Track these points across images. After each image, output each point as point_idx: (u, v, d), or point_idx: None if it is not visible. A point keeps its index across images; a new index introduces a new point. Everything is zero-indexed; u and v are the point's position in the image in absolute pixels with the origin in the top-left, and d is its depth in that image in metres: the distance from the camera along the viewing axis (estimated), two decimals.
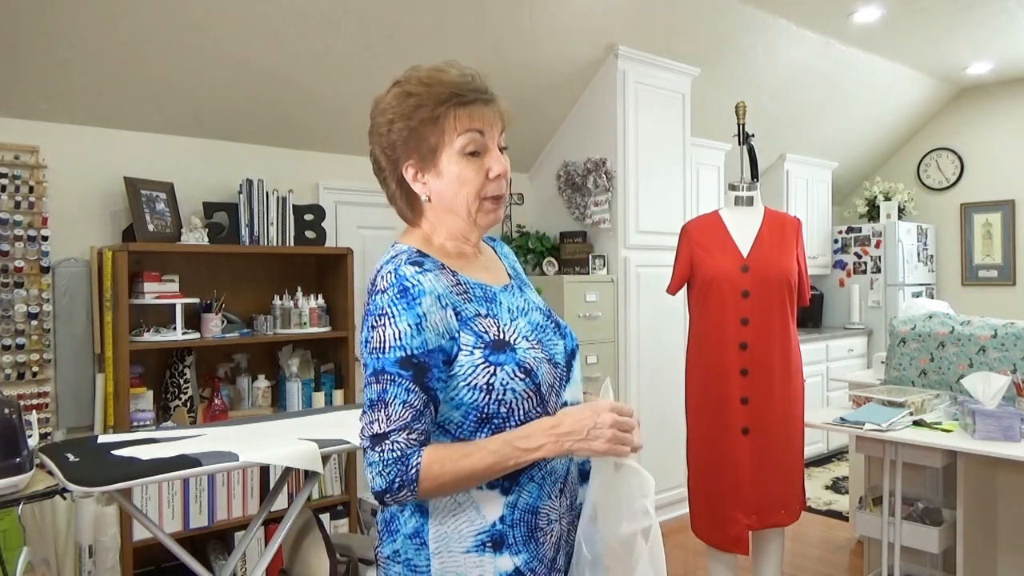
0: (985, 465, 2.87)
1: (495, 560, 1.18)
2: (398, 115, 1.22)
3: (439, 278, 1.19)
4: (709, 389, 2.82)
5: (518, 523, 1.20)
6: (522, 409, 1.19)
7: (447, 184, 1.23)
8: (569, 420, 1.16)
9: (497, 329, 1.20)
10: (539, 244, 4.33)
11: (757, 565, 2.94)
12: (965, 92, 6.37)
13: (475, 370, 1.17)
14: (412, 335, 1.13)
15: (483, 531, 1.18)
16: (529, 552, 1.20)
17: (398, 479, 1.11)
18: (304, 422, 2.51)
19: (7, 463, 1.86)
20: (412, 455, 1.12)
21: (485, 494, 1.19)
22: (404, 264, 1.18)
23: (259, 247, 3.32)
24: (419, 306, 1.14)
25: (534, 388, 1.19)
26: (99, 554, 2.78)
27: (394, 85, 1.27)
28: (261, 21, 3.05)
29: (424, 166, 1.23)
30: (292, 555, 2.50)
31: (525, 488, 1.21)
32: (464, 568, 1.18)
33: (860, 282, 6.13)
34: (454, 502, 1.19)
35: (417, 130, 1.21)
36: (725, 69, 4.70)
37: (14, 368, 2.92)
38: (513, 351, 1.19)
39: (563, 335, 1.32)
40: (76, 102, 3.03)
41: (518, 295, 1.32)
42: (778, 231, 2.88)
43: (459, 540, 1.18)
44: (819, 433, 5.48)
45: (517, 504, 1.20)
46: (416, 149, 1.23)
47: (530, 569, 1.20)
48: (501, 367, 1.17)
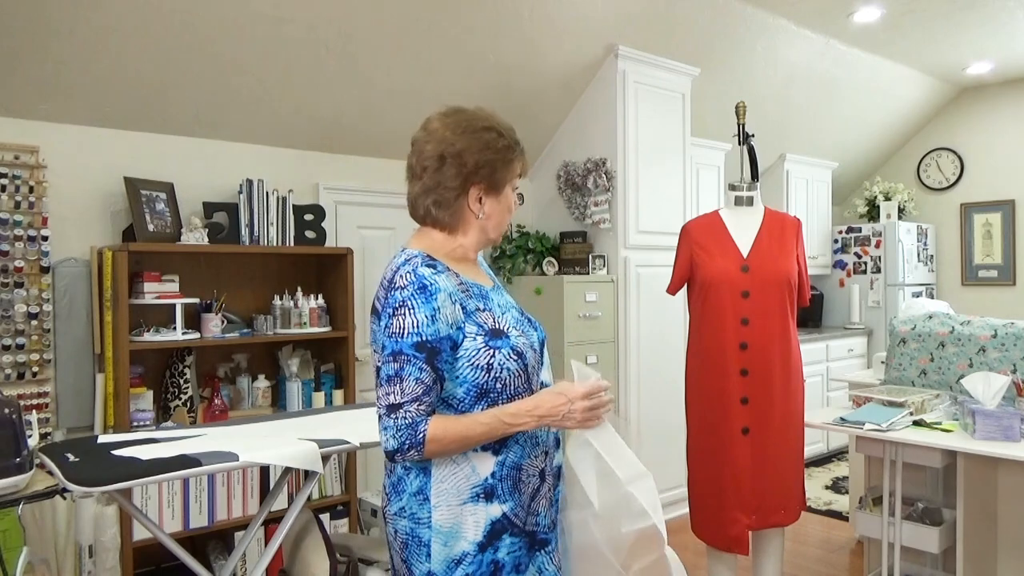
0: (985, 465, 2.87)
1: (487, 508, 1.46)
2: (484, 145, 1.51)
3: (449, 279, 1.45)
4: (709, 389, 2.82)
5: (505, 478, 1.48)
6: (513, 385, 1.47)
7: (500, 210, 1.57)
8: (546, 404, 1.45)
9: (493, 320, 1.48)
10: (539, 244, 4.33)
11: (757, 565, 2.94)
12: (965, 92, 6.37)
13: (478, 353, 1.44)
14: (427, 324, 1.39)
15: (477, 484, 1.46)
16: (514, 500, 1.48)
17: (408, 441, 1.37)
18: (304, 422, 2.51)
19: (7, 463, 1.86)
20: (420, 422, 1.37)
21: (479, 455, 1.46)
22: (421, 266, 1.44)
23: (259, 247, 3.32)
24: (435, 301, 1.40)
25: (523, 368, 1.48)
26: (99, 554, 2.78)
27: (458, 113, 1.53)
28: (262, 21, 3.05)
29: (489, 192, 1.53)
30: (292, 555, 2.50)
31: (512, 449, 1.48)
32: (460, 517, 1.45)
33: (860, 282, 6.13)
34: (453, 463, 1.45)
35: (495, 164, 1.52)
36: (725, 69, 4.70)
37: (14, 368, 2.92)
38: (507, 337, 1.48)
39: (535, 327, 1.60)
40: (76, 102, 3.03)
41: (501, 295, 1.60)
42: (778, 231, 2.88)
43: (457, 494, 1.45)
44: (819, 433, 5.48)
45: (505, 462, 1.48)
46: (489, 178, 1.52)
47: (514, 514, 1.49)
48: (499, 350, 1.45)
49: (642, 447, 4.22)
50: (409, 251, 1.50)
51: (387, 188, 3.98)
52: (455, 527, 1.44)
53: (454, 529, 1.44)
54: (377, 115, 3.74)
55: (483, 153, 1.50)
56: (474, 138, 1.50)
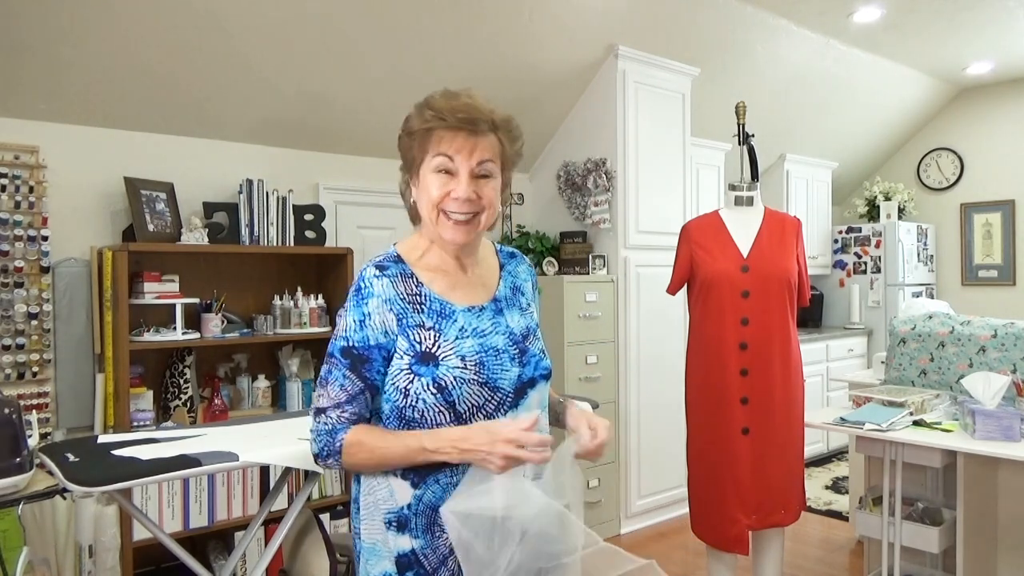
0: (985, 465, 2.87)
1: (397, 538, 1.34)
2: (403, 129, 1.39)
3: (395, 284, 1.33)
4: (709, 389, 2.82)
5: (421, 514, 1.33)
6: (432, 420, 1.31)
7: (420, 194, 1.38)
8: (474, 440, 1.25)
9: (432, 343, 1.32)
10: (539, 244, 4.33)
11: (757, 565, 2.94)
12: (965, 92, 6.37)
13: (399, 373, 1.32)
14: (355, 329, 1.31)
15: (392, 511, 1.34)
16: (425, 540, 1.33)
17: (326, 448, 1.31)
18: (304, 422, 2.50)
19: (7, 463, 1.86)
20: (340, 430, 1.31)
21: (399, 482, 1.34)
22: (371, 266, 1.35)
23: (259, 247, 3.32)
24: (365, 306, 1.31)
25: (447, 404, 1.30)
26: (99, 554, 2.78)
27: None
28: (262, 21, 3.05)
29: (412, 175, 1.40)
30: (292, 555, 2.50)
31: (431, 488, 1.33)
32: (378, 536, 1.36)
33: (860, 282, 6.13)
34: (374, 479, 1.36)
35: (408, 144, 1.38)
36: (725, 69, 4.70)
37: (14, 368, 2.92)
38: (436, 367, 1.30)
39: (523, 364, 1.38)
40: (76, 102, 3.03)
41: (487, 318, 1.39)
42: (778, 231, 2.88)
43: (376, 511, 1.36)
44: (819, 433, 5.48)
45: (422, 499, 1.33)
46: (407, 159, 1.40)
47: (423, 555, 1.33)
48: (419, 377, 1.30)
49: (642, 447, 4.22)
50: (391, 248, 1.42)
51: (387, 188, 3.98)
52: (375, 545, 1.36)
53: (375, 548, 1.36)
54: (377, 115, 3.74)
55: (400, 139, 1.40)
56: (403, 125, 1.40)
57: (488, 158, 1.35)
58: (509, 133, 1.39)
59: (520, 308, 1.45)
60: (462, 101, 1.33)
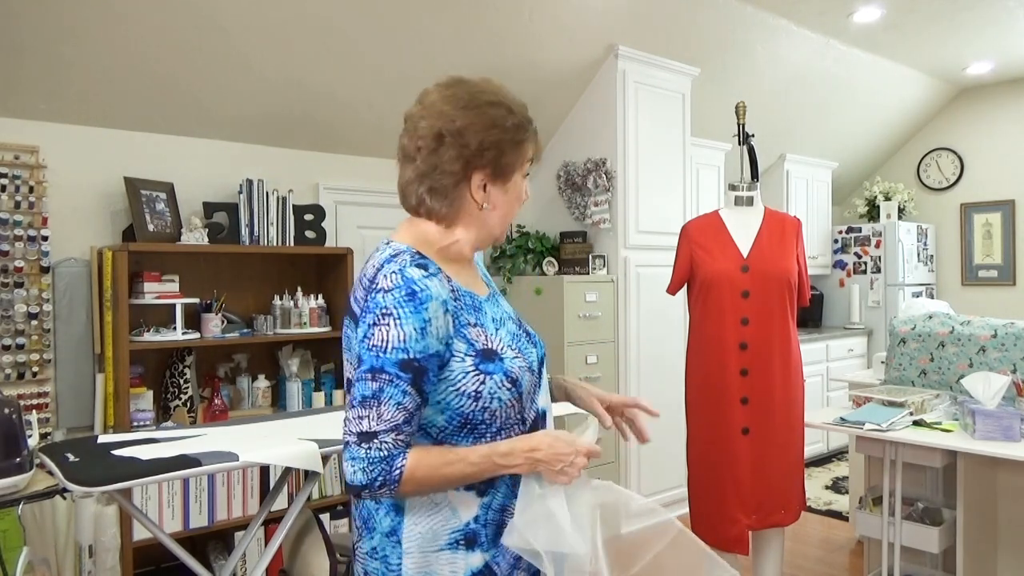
0: (985, 465, 2.87)
1: (467, 557, 1.23)
2: (489, 123, 1.26)
3: (442, 284, 1.21)
4: (709, 389, 2.82)
5: (490, 523, 1.25)
6: (503, 416, 1.25)
7: (508, 200, 1.31)
8: (546, 450, 1.22)
9: (485, 339, 1.24)
10: (539, 244, 4.33)
11: (757, 565, 2.94)
12: (965, 92, 6.37)
13: (465, 377, 1.21)
14: (416, 339, 1.15)
15: (457, 530, 1.23)
16: (497, 549, 1.26)
17: (381, 477, 1.14)
18: (304, 422, 2.51)
19: (7, 463, 1.86)
20: (398, 456, 1.15)
21: (462, 496, 1.24)
22: (410, 266, 1.19)
23: (259, 247, 3.32)
24: (426, 311, 1.16)
25: (517, 397, 1.25)
26: (99, 554, 2.78)
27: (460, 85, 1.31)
28: (261, 21, 3.05)
29: (496, 179, 1.28)
30: (292, 555, 2.50)
31: (499, 490, 1.26)
32: (435, 566, 1.22)
33: (860, 282, 6.13)
34: (431, 503, 1.23)
35: (503, 145, 1.27)
36: (725, 69, 4.70)
37: (14, 368, 2.92)
38: (501, 360, 1.24)
39: (534, 343, 1.37)
40: (76, 102, 3.03)
41: (496, 305, 1.35)
42: (778, 231, 2.88)
43: (433, 539, 1.23)
44: (819, 433, 5.48)
45: (491, 505, 1.26)
46: (495, 162, 1.27)
47: (495, 563, 1.26)
48: (490, 376, 1.22)
49: (641, 447, 4.22)
50: (396, 245, 1.26)
51: (387, 188, 3.98)
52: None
53: None
54: (378, 115, 3.74)
55: (489, 132, 1.25)
56: (478, 114, 1.25)
57: None
58: None
59: (500, 295, 1.45)
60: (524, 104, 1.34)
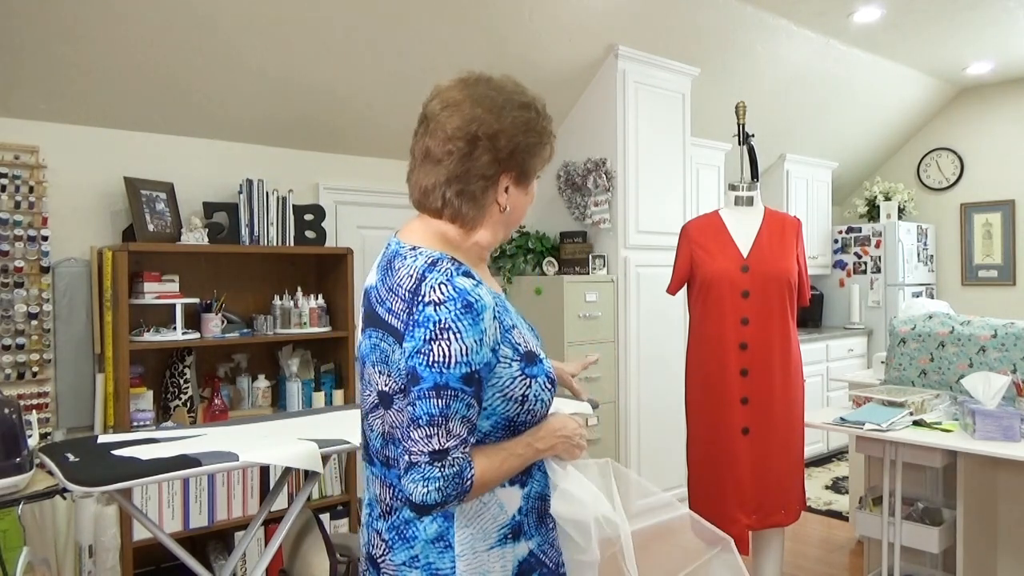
0: (985, 465, 2.87)
1: (515, 548, 1.25)
2: (523, 127, 1.25)
3: (489, 291, 1.20)
4: (709, 389, 2.82)
5: (531, 511, 1.28)
6: (541, 416, 1.28)
7: (526, 202, 1.32)
8: (565, 428, 1.29)
9: (524, 341, 1.24)
10: (539, 244, 4.33)
11: (757, 565, 2.94)
12: (965, 92, 6.37)
13: (512, 382, 1.20)
14: (476, 351, 1.14)
15: (505, 524, 1.25)
16: (540, 535, 1.29)
17: (454, 492, 1.14)
18: (304, 422, 2.51)
19: (7, 463, 1.86)
20: (466, 468, 1.15)
21: (506, 491, 1.25)
22: (457, 275, 1.17)
23: (259, 247, 3.32)
24: (483, 321, 1.15)
25: (552, 397, 1.28)
26: (99, 554, 2.78)
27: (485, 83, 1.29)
28: (262, 21, 3.05)
29: (519, 182, 1.29)
30: (292, 555, 2.50)
31: (535, 479, 1.29)
32: (488, 564, 1.22)
33: (860, 282, 6.13)
34: (479, 502, 1.23)
35: (533, 149, 1.27)
36: (725, 69, 4.70)
37: (14, 368, 2.92)
38: (541, 363, 1.26)
39: (537, 337, 1.39)
40: (76, 102, 3.03)
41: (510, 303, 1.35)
42: (778, 231, 2.88)
43: (484, 538, 1.23)
44: (819, 433, 5.48)
45: (531, 494, 1.29)
46: (521, 164, 1.27)
47: (542, 551, 1.29)
48: (535, 379, 1.23)
49: (642, 447, 4.22)
50: (428, 252, 1.22)
51: (387, 188, 3.98)
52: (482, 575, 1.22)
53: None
54: (378, 115, 3.74)
55: (525, 136, 1.24)
56: (513, 117, 1.24)
57: None
58: None
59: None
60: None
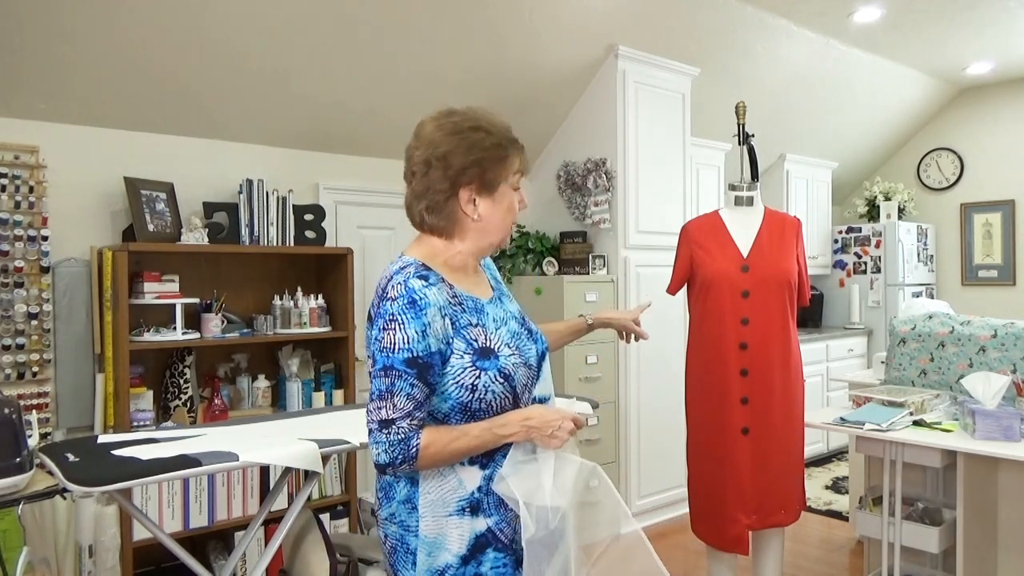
0: (985, 465, 2.87)
1: (472, 521, 1.44)
2: (470, 145, 1.46)
3: (440, 291, 1.41)
4: (709, 389, 2.82)
5: (491, 492, 1.44)
6: (498, 406, 1.44)
7: (497, 210, 1.50)
8: (538, 418, 1.43)
9: (484, 337, 1.44)
10: (539, 244, 4.33)
11: (757, 565, 2.94)
12: (965, 92, 6.37)
13: (463, 372, 1.41)
14: (418, 340, 1.37)
15: (464, 498, 1.43)
16: (499, 515, 1.45)
17: (400, 456, 1.37)
18: (304, 422, 2.51)
19: (7, 463, 1.86)
20: (412, 437, 1.37)
21: (466, 469, 1.44)
22: (412, 277, 1.40)
23: (259, 247, 3.32)
24: (424, 316, 1.37)
25: (510, 390, 1.44)
26: (99, 554, 2.78)
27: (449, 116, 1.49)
28: (262, 21, 3.05)
29: (483, 193, 1.48)
30: (292, 555, 2.50)
31: (498, 463, 1.44)
32: (446, 528, 1.43)
33: (860, 282, 6.13)
34: (439, 474, 1.43)
35: (484, 163, 1.46)
36: (725, 69, 4.70)
37: (14, 368, 2.92)
38: (496, 358, 1.43)
39: (535, 340, 1.55)
40: (76, 102, 3.03)
41: (499, 306, 1.54)
42: (778, 231, 2.88)
43: (443, 506, 1.43)
44: (819, 433, 5.48)
45: (492, 476, 1.44)
46: (479, 178, 1.47)
47: (499, 529, 1.45)
48: (485, 371, 1.42)
49: (642, 447, 4.22)
50: (405, 259, 1.47)
51: (387, 188, 3.98)
52: (439, 538, 1.43)
53: (438, 540, 1.43)
54: (378, 115, 3.74)
55: (470, 153, 1.45)
56: (460, 139, 1.45)
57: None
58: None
59: (508, 295, 1.62)
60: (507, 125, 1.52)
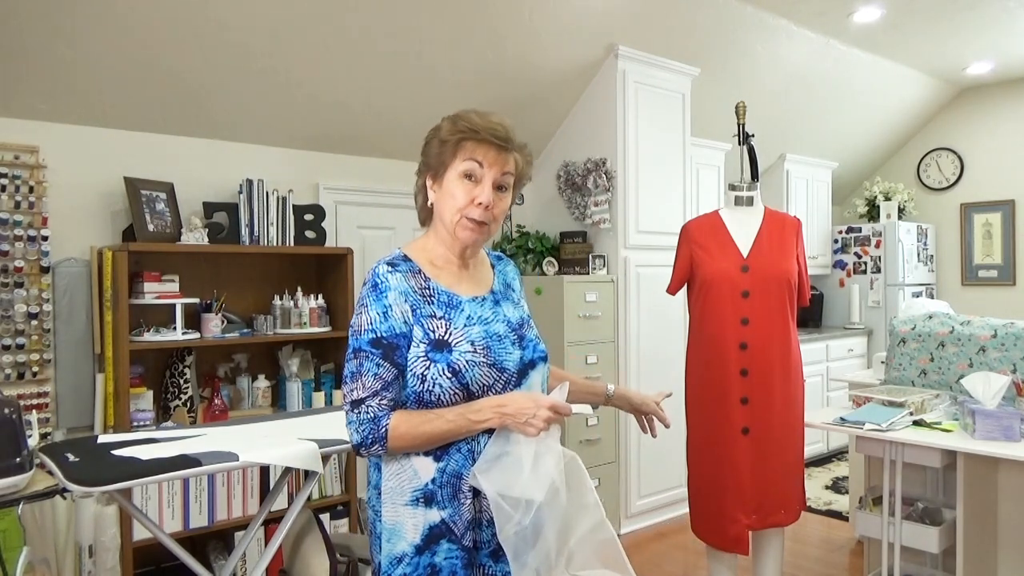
0: (985, 465, 2.87)
1: (426, 512, 1.44)
2: (432, 135, 1.53)
3: (407, 279, 1.47)
4: (709, 389, 2.82)
5: (445, 485, 1.44)
6: (448, 402, 1.43)
7: (443, 197, 1.51)
8: (513, 405, 1.41)
9: (444, 331, 1.45)
10: (539, 244, 4.33)
11: (757, 565, 2.94)
12: (965, 92, 6.37)
13: (416, 360, 1.43)
14: (380, 321, 1.42)
15: (418, 488, 1.45)
16: (452, 508, 1.44)
17: (370, 436, 1.40)
18: (304, 422, 2.51)
19: (7, 463, 1.86)
20: (383, 417, 1.40)
21: (421, 459, 1.45)
22: (382, 264, 1.48)
23: (259, 247, 3.32)
24: (385, 298, 1.43)
25: (460, 387, 1.43)
26: (99, 554, 2.78)
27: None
28: (262, 21, 3.05)
29: (435, 179, 1.53)
30: (292, 555, 2.50)
31: (453, 457, 1.45)
32: (403, 517, 1.45)
33: (860, 282, 6.13)
34: (397, 463, 1.46)
35: (437, 149, 1.51)
36: (725, 69, 4.70)
37: (14, 368, 2.92)
38: (449, 352, 1.43)
39: (523, 347, 1.53)
40: (76, 102, 3.03)
41: (488, 307, 1.54)
42: (778, 231, 2.88)
43: (400, 494, 1.46)
44: (819, 433, 5.48)
45: (446, 470, 1.45)
46: (432, 164, 1.52)
47: (452, 522, 1.44)
48: (434, 363, 1.42)
49: (642, 447, 4.22)
50: (395, 250, 1.55)
51: (387, 188, 3.98)
52: (397, 526, 1.45)
53: (396, 528, 1.46)
54: (377, 115, 3.74)
55: (428, 145, 1.54)
56: (432, 132, 1.54)
57: (510, 171, 1.52)
58: (525, 156, 1.56)
59: (513, 302, 1.62)
60: (495, 120, 1.50)
